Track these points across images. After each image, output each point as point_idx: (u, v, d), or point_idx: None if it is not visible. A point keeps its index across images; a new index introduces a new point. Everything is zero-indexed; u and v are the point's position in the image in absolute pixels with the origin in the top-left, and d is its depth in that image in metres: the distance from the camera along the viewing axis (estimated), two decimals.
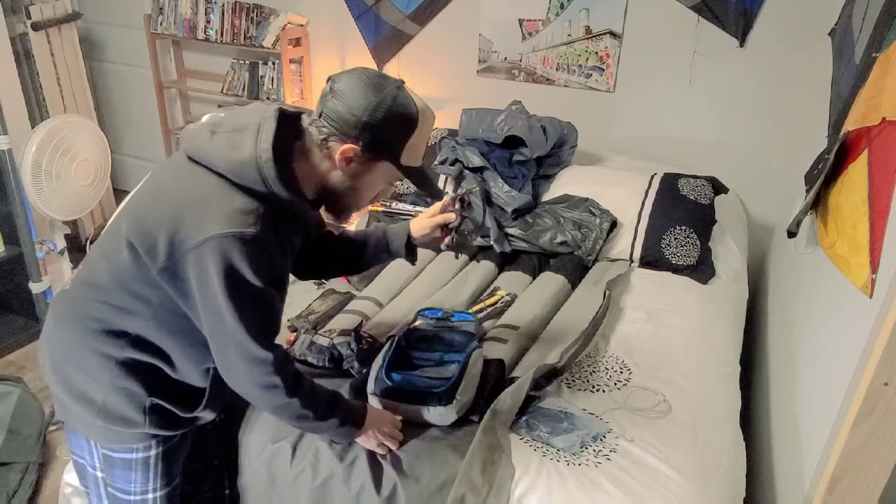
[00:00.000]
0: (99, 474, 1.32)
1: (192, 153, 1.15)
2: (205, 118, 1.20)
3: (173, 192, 1.14)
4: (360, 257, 1.55)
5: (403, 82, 1.19)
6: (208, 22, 3.46)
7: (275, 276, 1.17)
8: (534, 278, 2.17)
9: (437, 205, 1.51)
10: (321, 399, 1.28)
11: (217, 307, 1.10)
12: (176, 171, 1.17)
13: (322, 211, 1.29)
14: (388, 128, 1.15)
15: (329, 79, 1.18)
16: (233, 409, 1.48)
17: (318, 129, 1.16)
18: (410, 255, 1.56)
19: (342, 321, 1.80)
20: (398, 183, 1.41)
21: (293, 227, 1.25)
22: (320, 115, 1.16)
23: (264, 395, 1.19)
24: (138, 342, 1.19)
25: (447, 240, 1.49)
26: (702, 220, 2.33)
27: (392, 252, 1.55)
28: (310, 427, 1.35)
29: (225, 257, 1.07)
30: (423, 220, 1.52)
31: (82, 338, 1.20)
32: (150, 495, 1.31)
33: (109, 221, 1.24)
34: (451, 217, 1.49)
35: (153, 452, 1.28)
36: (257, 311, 1.14)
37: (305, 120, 1.19)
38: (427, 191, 1.32)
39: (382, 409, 1.44)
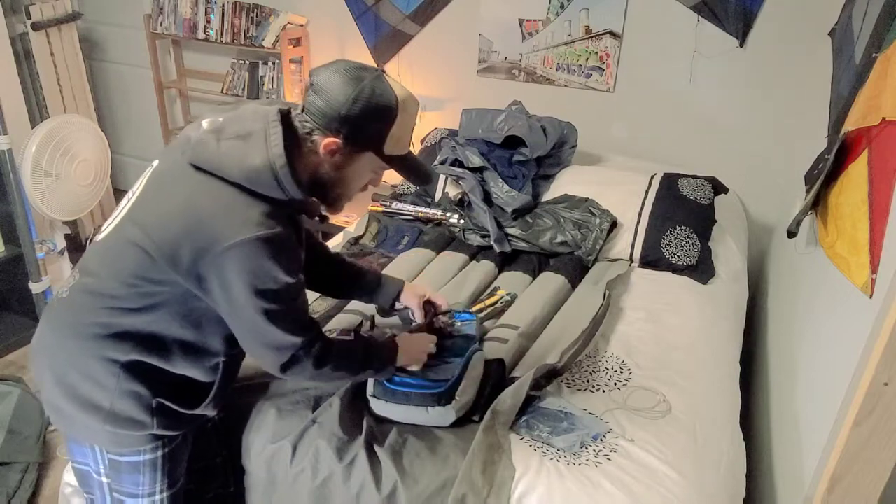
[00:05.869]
0: (104, 480, 1.31)
1: (200, 163, 1.14)
2: (204, 124, 1.18)
3: (193, 203, 1.12)
4: (344, 289, 1.62)
5: (383, 72, 1.20)
6: (208, 22, 3.46)
7: (300, 266, 1.21)
8: (534, 278, 2.16)
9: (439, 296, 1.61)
10: (351, 360, 1.34)
11: (242, 310, 1.14)
12: (187, 181, 1.15)
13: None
14: (367, 120, 1.16)
15: (311, 72, 1.19)
16: (232, 407, 1.48)
17: (302, 124, 1.17)
18: (386, 310, 1.62)
19: (342, 321, 1.79)
20: (401, 183, 1.43)
21: (299, 222, 1.28)
22: (303, 110, 1.17)
23: (293, 373, 1.24)
24: (144, 343, 1.19)
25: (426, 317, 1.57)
26: (702, 220, 2.34)
27: (373, 301, 1.61)
28: (348, 381, 1.47)
29: (255, 260, 1.09)
30: (419, 289, 1.58)
31: (84, 344, 1.19)
32: (158, 496, 1.31)
33: (108, 228, 1.22)
34: (441, 301, 1.59)
35: (160, 454, 1.28)
36: (287, 304, 1.17)
37: (293, 115, 1.20)
38: (415, 179, 1.32)
39: (411, 336, 1.50)
